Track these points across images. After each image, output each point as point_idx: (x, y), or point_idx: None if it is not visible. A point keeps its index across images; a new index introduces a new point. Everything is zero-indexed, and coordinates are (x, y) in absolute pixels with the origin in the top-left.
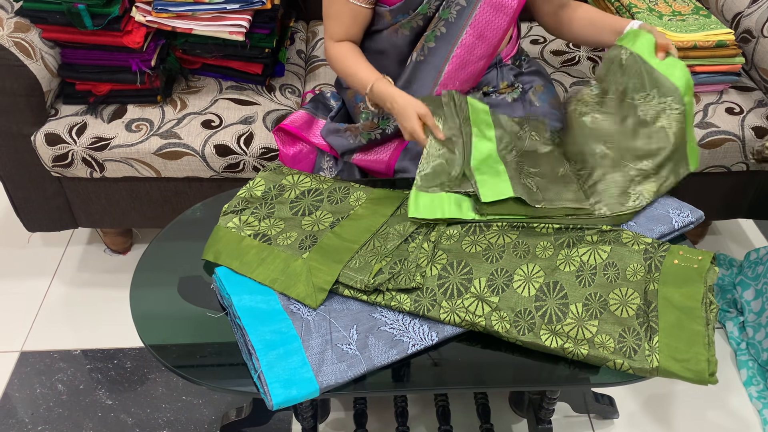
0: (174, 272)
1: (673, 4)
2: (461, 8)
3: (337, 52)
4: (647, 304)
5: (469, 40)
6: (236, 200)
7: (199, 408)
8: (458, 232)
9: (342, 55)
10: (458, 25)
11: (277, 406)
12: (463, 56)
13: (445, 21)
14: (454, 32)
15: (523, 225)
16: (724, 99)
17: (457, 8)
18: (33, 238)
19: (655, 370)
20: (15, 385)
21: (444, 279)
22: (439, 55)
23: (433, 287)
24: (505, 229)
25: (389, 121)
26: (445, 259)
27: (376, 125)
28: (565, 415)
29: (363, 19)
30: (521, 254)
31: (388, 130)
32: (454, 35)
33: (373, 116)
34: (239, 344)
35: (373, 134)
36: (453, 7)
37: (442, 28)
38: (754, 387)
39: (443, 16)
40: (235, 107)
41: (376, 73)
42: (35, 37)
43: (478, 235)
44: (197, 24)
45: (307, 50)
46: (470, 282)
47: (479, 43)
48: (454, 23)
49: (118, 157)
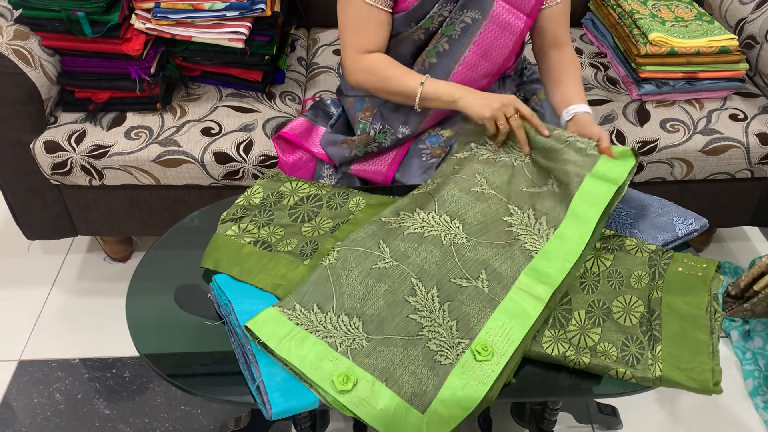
0: (171, 281)
1: (676, 9)
2: (466, 25)
3: (370, 62)
4: (651, 312)
5: (473, 59)
6: (234, 208)
7: (197, 418)
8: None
9: (381, 63)
10: (462, 43)
11: (276, 416)
12: (465, 74)
13: (449, 38)
14: (457, 49)
15: None
16: (728, 105)
17: (461, 25)
18: (33, 246)
19: (658, 380)
20: (13, 395)
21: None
22: (440, 72)
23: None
24: None
25: (385, 135)
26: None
27: (372, 138)
28: (568, 425)
29: (386, 25)
30: None
31: (384, 144)
32: (456, 52)
33: (372, 131)
34: (236, 354)
35: (369, 147)
36: (457, 24)
37: (445, 44)
38: (760, 397)
39: (446, 33)
40: (234, 114)
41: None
42: (35, 45)
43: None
44: (197, 31)
45: (308, 57)
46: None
47: (483, 62)
48: (458, 40)
49: (117, 164)
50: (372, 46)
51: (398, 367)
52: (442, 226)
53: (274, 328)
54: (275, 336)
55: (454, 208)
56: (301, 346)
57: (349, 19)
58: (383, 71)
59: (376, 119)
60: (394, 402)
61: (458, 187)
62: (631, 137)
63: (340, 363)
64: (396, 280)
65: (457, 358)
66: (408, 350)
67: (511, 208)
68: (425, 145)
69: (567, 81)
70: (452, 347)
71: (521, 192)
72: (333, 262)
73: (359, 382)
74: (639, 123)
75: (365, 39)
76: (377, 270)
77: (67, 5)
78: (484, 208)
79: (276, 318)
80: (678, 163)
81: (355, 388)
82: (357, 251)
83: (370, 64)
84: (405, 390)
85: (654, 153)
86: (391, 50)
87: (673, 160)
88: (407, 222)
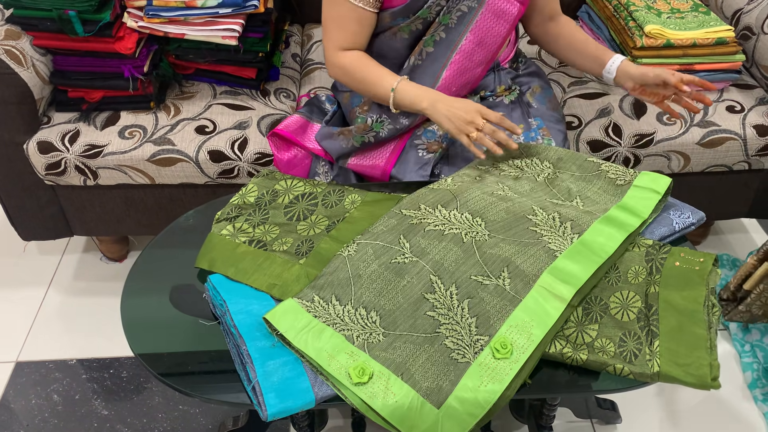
0: (166, 280)
1: (672, 1)
2: (462, 14)
3: (348, 61)
4: (648, 308)
5: (469, 47)
6: (229, 207)
7: (195, 417)
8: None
9: (357, 63)
10: (458, 31)
11: (271, 417)
12: (461, 62)
13: (445, 26)
14: (453, 38)
15: None
16: (725, 97)
17: (458, 14)
18: (29, 247)
19: (656, 375)
20: (10, 396)
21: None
22: (437, 61)
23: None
24: None
25: (383, 124)
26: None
27: (369, 127)
28: (567, 420)
29: (369, 24)
30: None
31: (381, 134)
32: (453, 41)
33: (369, 119)
34: (232, 354)
35: (366, 137)
36: (454, 12)
37: (442, 33)
38: (759, 389)
39: (443, 21)
40: (229, 112)
41: (397, 77)
42: (26, 45)
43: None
44: (190, 29)
45: (303, 54)
46: None
47: (478, 50)
48: (454, 29)
49: (111, 164)
50: (351, 45)
51: (414, 363)
52: (464, 224)
53: (292, 320)
54: (293, 328)
55: (476, 206)
56: (318, 339)
57: (332, 16)
58: (357, 72)
59: (373, 111)
60: (409, 396)
61: (481, 190)
62: (628, 130)
63: (357, 356)
64: (414, 276)
65: (475, 356)
66: (425, 347)
67: (536, 209)
68: (421, 141)
69: (582, 43)
70: (470, 345)
71: (545, 200)
72: (352, 253)
73: (375, 376)
74: (635, 116)
75: (346, 37)
76: (396, 265)
77: (59, 4)
78: (509, 206)
79: (294, 310)
80: (675, 156)
81: (370, 381)
82: (377, 245)
83: (347, 63)
84: (421, 385)
85: (651, 146)
86: (385, 44)
87: (670, 152)
88: (428, 218)
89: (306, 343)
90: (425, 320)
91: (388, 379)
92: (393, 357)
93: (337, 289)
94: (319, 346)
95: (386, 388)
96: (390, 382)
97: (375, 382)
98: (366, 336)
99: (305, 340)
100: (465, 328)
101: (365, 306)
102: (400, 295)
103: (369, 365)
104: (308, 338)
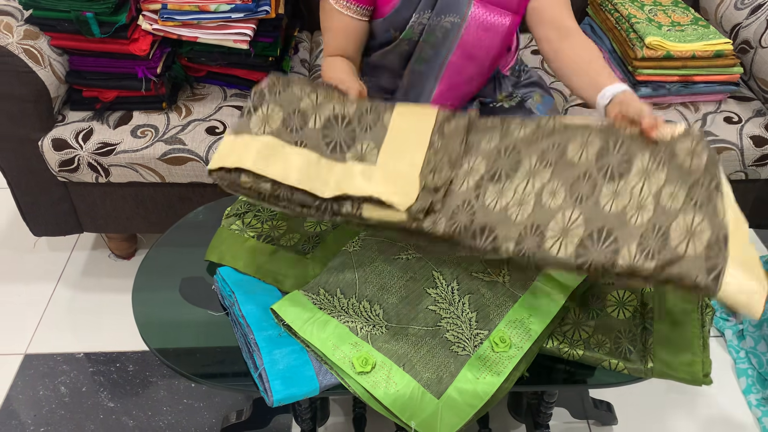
0: (176, 275)
1: (672, 14)
2: (446, 30)
3: (325, 65)
4: (643, 306)
5: (458, 62)
6: (239, 203)
7: (200, 411)
8: None
9: (328, 67)
10: (444, 47)
11: (277, 402)
12: (452, 78)
13: (431, 44)
14: (440, 54)
15: None
16: (722, 108)
17: (441, 31)
18: (39, 242)
19: (650, 371)
20: (18, 387)
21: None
22: (428, 79)
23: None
24: None
25: None
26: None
27: None
28: (564, 420)
29: (354, 32)
30: None
31: None
32: (441, 57)
33: None
34: (240, 343)
35: None
36: (437, 30)
37: (429, 50)
38: (753, 395)
39: (428, 40)
40: (238, 114)
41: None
42: (44, 45)
43: None
44: (202, 32)
45: (311, 59)
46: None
47: (469, 64)
48: (440, 45)
49: (123, 162)
50: (339, 52)
51: (416, 354)
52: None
53: (298, 312)
54: (299, 319)
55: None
56: (323, 330)
57: (326, 26)
58: (327, 73)
59: None
60: (410, 386)
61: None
62: None
63: (360, 347)
64: (417, 271)
65: (475, 349)
66: (426, 339)
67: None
68: None
69: (585, 68)
70: (470, 338)
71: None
72: (357, 249)
73: (377, 366)
74: None
75: (336, 45)
76: (400, 260)
77: (77, 6)
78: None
79: (301, 301)
80: None
81: (373, 370)
82: (381, 241)
83: (326, 66)
84: (422, 375)
85: None
86: (385, 59)
87: None
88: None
89: (311, 333)
90: (427, 314)
91: (390, 369)
92: (395, 348)
93: (341, 283)
94: (323, 336)
95: (388, 377)
96: (392, 372)
97: (377, 372)
98: (369, 328)
99: (311, 331)
100: (465, 323)
101: (369, 299)
102: (403, 289)
103: (372, 355)
104: (313, 329)
